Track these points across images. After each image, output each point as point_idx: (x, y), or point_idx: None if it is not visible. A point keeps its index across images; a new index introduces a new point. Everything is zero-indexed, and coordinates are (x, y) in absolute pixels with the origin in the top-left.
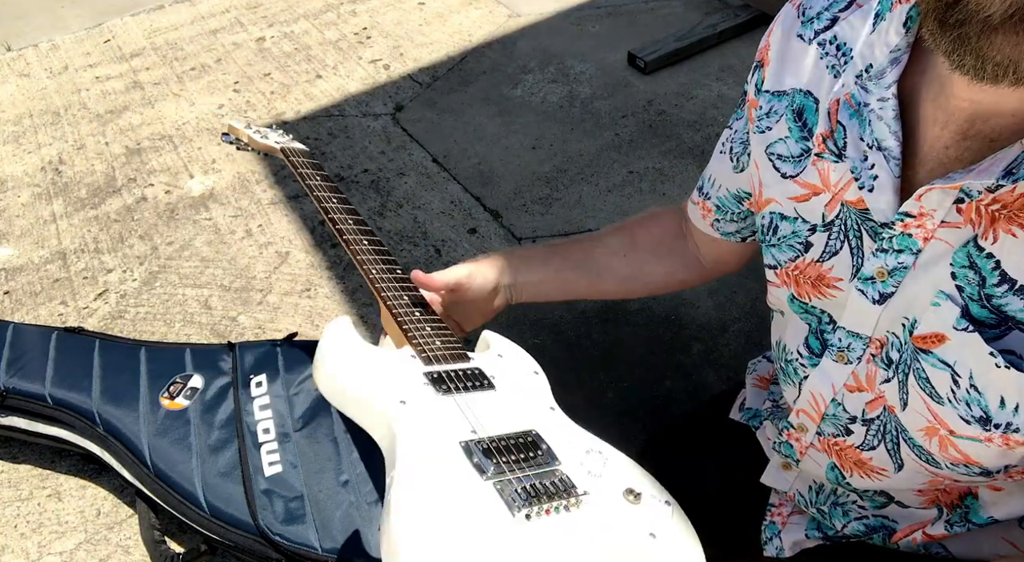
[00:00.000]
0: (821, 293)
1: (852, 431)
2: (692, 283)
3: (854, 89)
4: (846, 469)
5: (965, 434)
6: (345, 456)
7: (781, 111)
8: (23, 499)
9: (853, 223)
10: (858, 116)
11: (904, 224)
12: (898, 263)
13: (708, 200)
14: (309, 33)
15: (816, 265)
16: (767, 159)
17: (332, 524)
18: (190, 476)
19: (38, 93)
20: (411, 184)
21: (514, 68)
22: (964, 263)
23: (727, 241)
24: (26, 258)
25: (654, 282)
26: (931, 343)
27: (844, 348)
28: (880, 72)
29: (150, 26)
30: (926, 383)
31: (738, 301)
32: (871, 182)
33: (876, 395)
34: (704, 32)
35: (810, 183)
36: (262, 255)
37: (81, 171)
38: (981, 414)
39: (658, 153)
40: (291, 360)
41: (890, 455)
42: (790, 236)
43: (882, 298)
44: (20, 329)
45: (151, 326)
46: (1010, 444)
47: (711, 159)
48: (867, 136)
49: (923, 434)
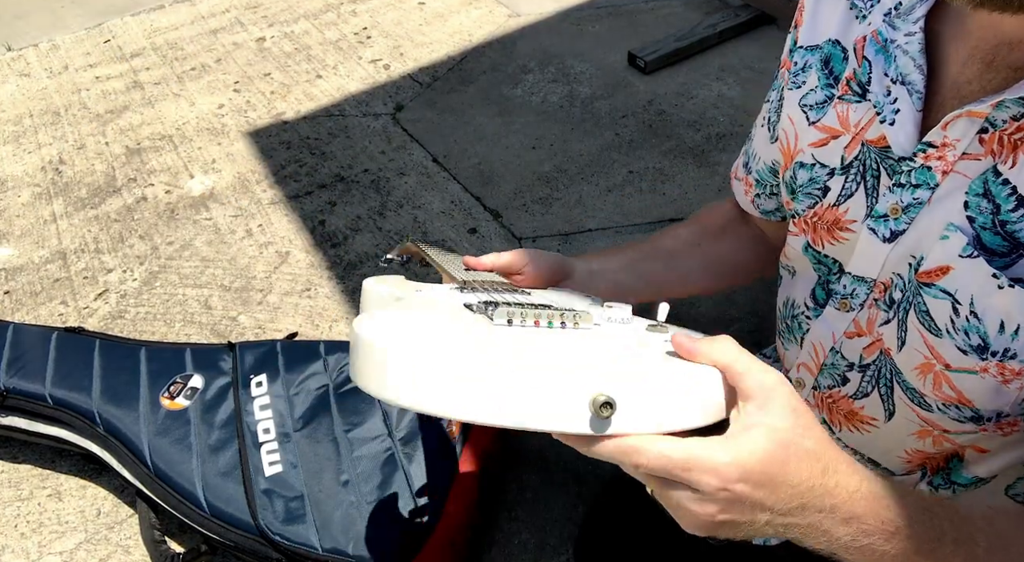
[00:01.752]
0: (835, 238)
1: (848, 379)
2: (766, 269)
3: (881, 27)
4: (835, 423)
5: (961, 366)
6: (345, 456)
7: (813, 64)
8: (23, 499)
9: (872, 163)
10: (884, 52)
11: (926, 155)
12: (913, 199)
13: (750, 175)
14: (309, 33)
15: (833, 209)
16: (800, 112)
17: (332, 524)
18: (190, 476)
19: (38, 93)
20: (411, 184)
21: (514, 68)
22: (979, 191)
23: (773, 221)
24: (26, 258)
25: (736, 266)
26: (935, 276)
27: (848, 295)
28: (909, 8)
29: (150, 26)
30: (925, 316)
31: (738, 301)
32: (893, 116)
33: (874, 339)
34: (704, 32)
35: (829, 127)
36: (262, 255)
37: (81, 171)
38: (979, 342)
39: (658, 153)
40: (291, 360)
41: (882, 400)
42: (807, 183)
43: (892, 236)
44: (20, 329)
45: (151, 326)
46: (1005, 374)
47: (752, 136)
48: (892, 71)
49: (918, 373)
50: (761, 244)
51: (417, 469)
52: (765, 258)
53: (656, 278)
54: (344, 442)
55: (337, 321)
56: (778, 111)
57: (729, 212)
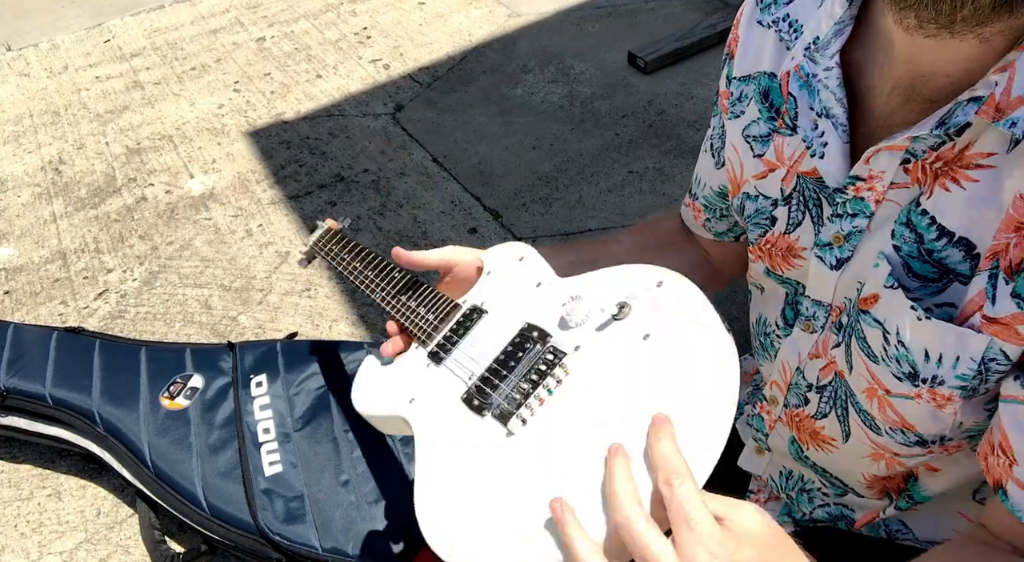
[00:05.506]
0: (790, 264)
1: (809, 399)
2: (708, 285)
3: (803, 61)
4: (803, 442)
5: (898, 392)
6: (345, 456)
7: (750, 94)
8: (23, 499)
9: (811, 193)
10: (807, 86)
11: (856, 187)
12: (853, 227)
13: (697, 200)
14: (309, 33)
15: (785, 237)
16: (744, 142)
17: (332, 524)
18: (190, 476)
19: (38, 93)
20: (411, 184)
21: (514, 68)
22: (903, 221)
23: (721, 242)
24: (26, 258)
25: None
26: (869, 304)
27: (810, 317)
28: (825, 43)
29: (150, 26)
30: (864, 343)
31: (738, 300)
32: (822, 149)
33: (828, 360)
34: (704, 32)
35: (769, 160)
36: (262, 255)
37: (81, 171)
38: (910, 369)
39: (658, 153)
40: (291, 360)
41: (839, 421)
42: (755, 214)
43: (839, 263)
44: (20, 329)
45: (151, 326)
46: (937, 400)
47: (698, 160)
48: (816, 105)
49: (865, 396)
50: (703, 263)
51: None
52: (704, 276)
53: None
54: (344, 442)
55: (337, 321)
56: (721, 138)
57: (677, 226)
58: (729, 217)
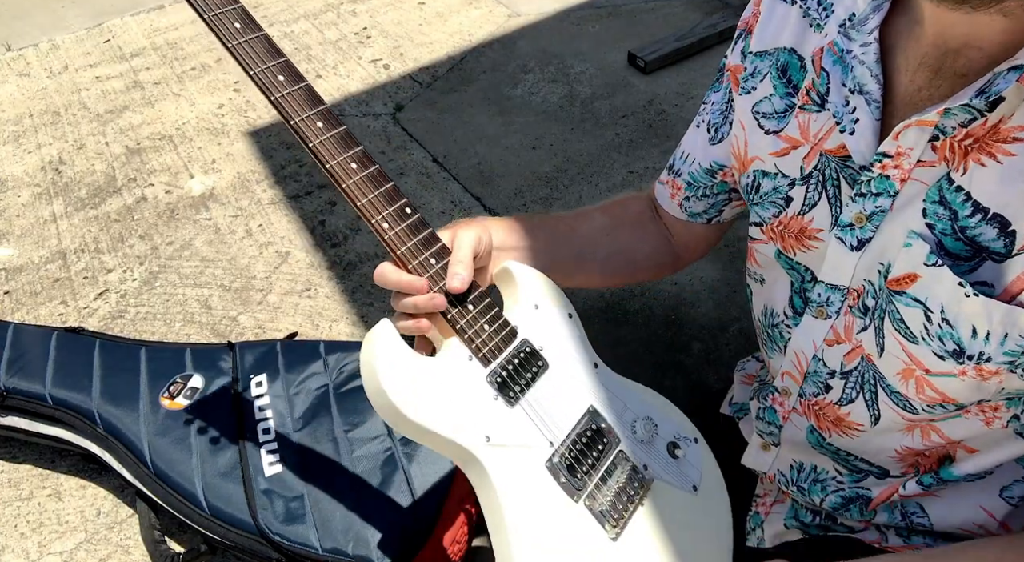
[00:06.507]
0: (804, 246)
1: (831, 386)
2: (667, 269)
3: (837, 38)
4: (824, 430)
5: (940, 371)
6: (345, 456)
7: (765, 70)
8: (23, 499)
9: (831, 173)
10: (841, 62)
11: (882, 165)
12: (876, 207)
13: (679, 177)
14: (309, 33)
15: (798, 218)
16: (753, 118)
17: (332, 524)
18: (190, 476)
19: (38, 93)
20: (411, 184)
21: (514, 68)
22: (935, 198)
23: (693, 223)
24: (26, 258)
25: (637, 261)
26: (904, 284)
27: (823, 303)
28: (863, 19)
29: (150, 26)
30: (900, 324)
31: (738, 301)
32: (852, 125)
33: (853, 346)
34: (704, 32)
35: (791, 137)
36: (262, 255)
37: (81, 171)
38: (955, 347)
39: (658, 153)
40: (291, 360)
41: (867, 406)
42: (771, 192)
43: (860, 244)
44: (20, 329)
45: (151, 326)
46: (983, 374)
47: (683, 137)
48: (849, 81)
49: (900, 378)
50: (665, 246)
51: (417, 469)
52: (665, 261)
53: (565, 267)
54: (344, 442)
55: (337, 321)
56: (723, 113)
57: (646, 206)
58: (710, 196)
